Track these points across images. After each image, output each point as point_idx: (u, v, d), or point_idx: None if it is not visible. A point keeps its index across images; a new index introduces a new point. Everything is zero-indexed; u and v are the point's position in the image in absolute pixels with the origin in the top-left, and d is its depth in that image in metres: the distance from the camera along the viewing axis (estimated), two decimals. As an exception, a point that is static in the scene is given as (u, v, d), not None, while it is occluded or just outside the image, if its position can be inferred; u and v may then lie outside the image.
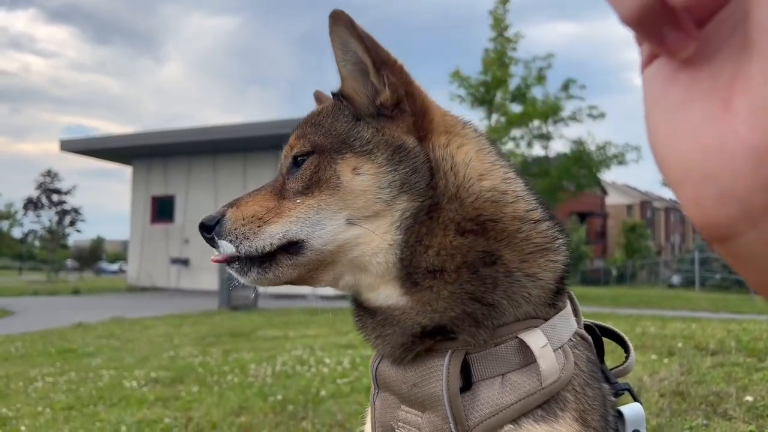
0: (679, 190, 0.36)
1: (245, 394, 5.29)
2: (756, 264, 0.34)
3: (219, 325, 11.50)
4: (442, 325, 1.16)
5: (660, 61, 0.39)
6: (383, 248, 1.19)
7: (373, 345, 1.28)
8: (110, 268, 73.55)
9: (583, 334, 1.27)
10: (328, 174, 1.22)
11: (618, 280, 45.74)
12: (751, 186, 0.32)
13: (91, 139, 27.34)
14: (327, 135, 1.27)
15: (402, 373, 1.20)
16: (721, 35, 0.36)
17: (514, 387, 1.12)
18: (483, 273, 1.16)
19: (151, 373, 6.50)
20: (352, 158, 1.22)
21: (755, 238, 0.33)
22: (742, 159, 0.32)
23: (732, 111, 0.33)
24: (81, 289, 26.54)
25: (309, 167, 1.24)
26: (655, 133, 0.39)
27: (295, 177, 1.26)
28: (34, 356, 8.38)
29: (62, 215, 48.65)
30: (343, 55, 1.26)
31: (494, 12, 21.44)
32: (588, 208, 53.58)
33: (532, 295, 1.19)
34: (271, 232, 1.22)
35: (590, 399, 1.16)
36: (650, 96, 0.39)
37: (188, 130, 24.25)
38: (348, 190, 1.20)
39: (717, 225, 0.35)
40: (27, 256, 72.77)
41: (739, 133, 0.32)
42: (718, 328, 7.50)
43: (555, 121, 22.44)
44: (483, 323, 1.15)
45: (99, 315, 13.90)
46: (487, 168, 1.24)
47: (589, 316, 1.45)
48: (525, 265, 1.19)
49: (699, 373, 4.76)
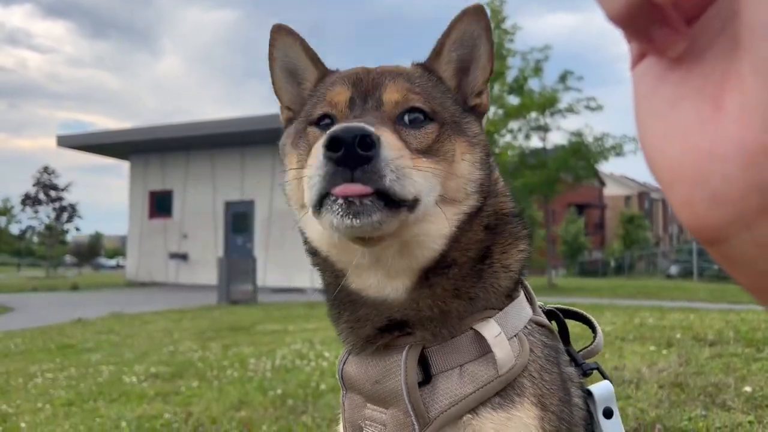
0: (670, 192, 0.36)
1: (245, 389, 5.29)
2: (748, 266, 0.34)
3: (218, 320, 11.51)
4: (406, 320, 1.19)
5: (649, 59, 0.38)
6: (442, 233, 1.18)
7: (341, 335, 1.30)
8: (109, 263, 73.57)
9: (539, 320, 1.30)
10: (447, 148, 1.21)
11: (616, 271, 45.80)
12: (743, 188, 0.31)
13: (89, 134, 27.29)
14: (445, 110, 1.26)
15: (364, 371, 1.22)
16: (711, 33, 0.35)
17: (471, 377, 1.14)
18: (477, 267, 1.21)
19: (151, 369, 6.50)
20: (464, 143, 1.25)
21: (748, 241, 0.32)
22: (734, 160, 0.31)
23: (723, 111, 0.32)
24: (80, 285, 26.53)
25: (433, 132, 1.20)
26: (645, 133, 0.38)
27: (416, 134, 1.19)
28: (34, 352, 8.38)
29: (60, 211, 48.57)
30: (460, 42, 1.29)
31: (491, 4, 21.37)
32: (586, 199, 53.63)
33: (501, 287, 1.23)
34: (414, 181, 1.09)
35: (548, 383, 1.19)
36: (640, 95, 0.39)
37: (185, 125, 24.20)
38: (453, 170, 1.20)
39: (709, 227, 0.34)
40: (25, 252, 72.72)
41: (731, 134, 0.31)
42: (716, 318, 7.52)
43: (552, 112, 22.44)
44: (450, 322, 1.18)
45: (98, 310, 13.90)
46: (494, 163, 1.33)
47: (588, 307, 1.47)
48: (504, 257, 1.25)
49: (697, 364, 4.77)
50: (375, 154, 1.02)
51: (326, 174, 1.03)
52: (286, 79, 1.44)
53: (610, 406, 1.31)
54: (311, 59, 1.41)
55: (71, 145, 26.86)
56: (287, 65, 1.43)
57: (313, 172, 1.05)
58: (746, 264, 0.34)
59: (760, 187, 0.31)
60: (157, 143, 24.94)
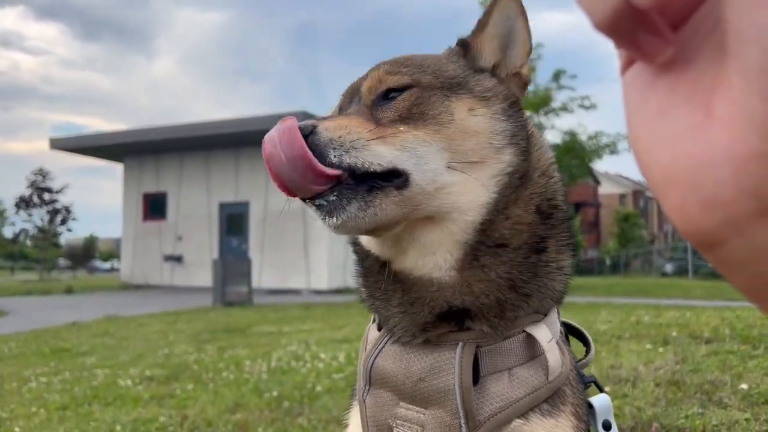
0: (663, 198, 0.36)
1: (240, 391, 5.27)
2: (743, 270, 0.34)
3: (213, 322, 11.48)
4: (467, 308, 1.12)
5: (639, 65, 0.38)
6: (478, 203, 1.12)
7: (384, 319, 1.21)
8: (103, 266, 73.37)
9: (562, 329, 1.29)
10: (437, 109, 1.15)
11: (612, 270, 45.93)
12: (734, 193, 0.31)
13: (82, 137, 27.15)
14: (434, 75, 1.21)
15: (405, 367, 1.15)
16: (699, 37, 0.35)
17: (522, 381, 1.11)
18: (531, 260, 1.15)
19: (146, 371, 6.47)
20: (469, 99, 1.19)
21: (741, 245, 0.32)
22: (725, 167, 0.31)
23: (713, 118, 0.32)
24: (74, 288, 26.43)
25: (408, 99, 1.15)
26: (636, 139, 0.38)
27: (389, 107, 1.15)
28: (28, 356, 8.33)
29: (54, 214, 48.39)
30: (501, 21, 1.28)
31: (485, 3, 21.39)
32: (581, 198, 53.74)
33: (555, 289, 1.19)
34: (378, 151, 1.06)
35: (580, 393, 1.19)
36: (630, 102, 0.38)
37: (179, 126, 24.12)
38: (461, 129, 1.14)
39: (702, 232, 0.34)
40: (19, 255, 72.40)
41: (721, 141, 0.31)
42: (712, 315, 7.54)
43: (546, 111, 22.49)
44: (507, 315, 1.13)
45: (93, 313, 13.84)
46: (552, 158, 1.29)
47: (584, 306, 1.47)
48: (559, 257, 1.20)
49: (694, 362, 4.77)
50: (310, 142, 1.03)
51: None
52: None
53: (609, 419, 1.30)
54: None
55: (65, 148, 26.75)
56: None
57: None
58: (740, 267, 0.34)
59: (752, 192, 0.31)
60: (151, 145, 24.87)
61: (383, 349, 1.21)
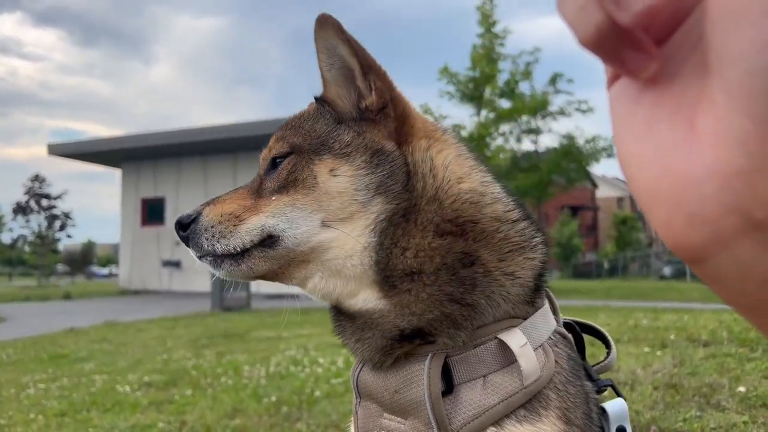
0: (649, 212, 0.36)
1: (239, 396, 5.27)
2: (730, 285, 0.34)
3: (212, 327, 11.46)
4: (420, 327, 1.15)
5: (625, 79, 0.38)
6: (357, 251, 1.19)
7: (352, 350, 1.27)
8: (102, 272, 73.23)
9: (563, 332, 1.27)
10: (305, 174, 1.23)
11: (610, 273, 45.95)
12: (719, 210, 0.32)
13: (80, 142, 27.16)
14: (306, 136, 1.28)
15: (383, 380, 1.19)
16: (683, 52, 0.35)
17: (496, 388, 1.11)
18: (462, 274, 1.16)
19: (145, 377, 6.46)
20: (330, 159, 1.23)
21: (727, 261, 0.33)
22: (709, 183, 0.32)
23: (697, 134, 0.32)
24: (72, 294, 26.36)
25: (286, 167, 1.26)
26: (623, 154, 0.38)
27: (272, 177, 1.27)
28: (26, 362, 8.32)
29: (51, 220, 48.31)
30: (328, 59, 1.27)
31: (482, 8, 21.47)
32: (578, 201, 53.79)
33: (510, 294, 1.19)
34: (248, 228, 1.24)
35: (572, 396, 1.16)
36: (617, 117, 0.39)
37: (177, 132, 24.13)
38: (324, 191, 1.21)
39: (688, 248, 0.34)
40: (17, 261, 72.20)
41: (705, 157, 0.32)
42: (709, 318, 7.55)
43: (543, 115, 22.54)
44: (462, 324, 1.14)
45: (91, 319, 13.81)
46: (465, 171, 1.26)
47: (582, 310, 1.47)
48: (503, 264, 1.20)
49: (692, 365, 4.78)
50: (190, 231, 1.29)
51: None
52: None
53: (624, 424, 1.28)
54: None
55: (62, 154, 26.74)
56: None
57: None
58: (726, 282, 0.34)
59: (736, 208, 0.31)
60: (149, 150, 24.86)
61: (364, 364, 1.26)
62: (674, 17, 0.35)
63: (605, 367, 1.40)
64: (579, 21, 0.35)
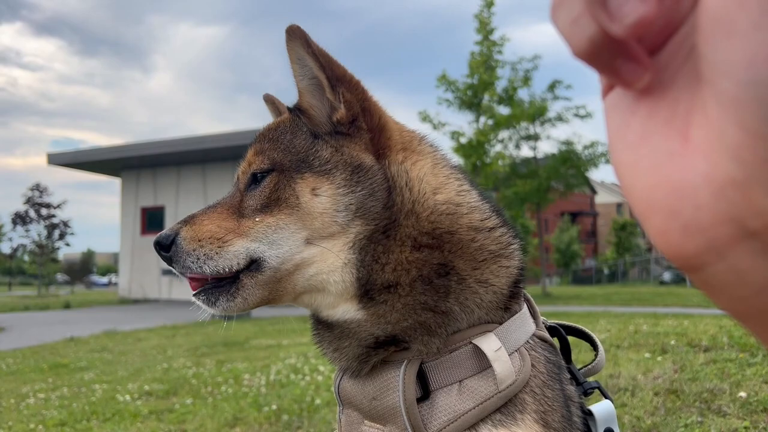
0: (645, 221, 0.36)
1: (240, 405, 5.26)
2: (727, 293, 0.34)
3: (212, 335, 11.45)
4: (395, 335, 1.16)
5: (619, 89, 0.39)
6: (338, 267, 1.19)
7: (330, 359, 1.28)
8: (101, 281, 73.13)
9: (542, 335, 1.27)
10: (287, 193, 1.22)
11: (609, 279, 45.94)
12: (714, 219, 0.32)
13: (79, 152, 27.18)
14: (286, 152, 1.26)
15: (361, 387, 1.20)
16: (677, 61, 0.35)
17: (471, 392, 1.12)
18: (436, 283, 1.17)
19: (145, 386, 6.45)
20: (311, 178, 1.22)
21: (723, 270, 0.33)
22: (703, 193, 0.32)
23: (691, 144, 0.33)
24: (72, 303, 26.32)
25: (269, 185, 1.24)
26: (618, 164, 0.38)
27: (254, 194, 1.25)
28: (26, 372, 8.30)
29: (51, 229, 48.27)
30: (300, 70, 1.26)
31: (479, 15, 21.54)
32: (578, 207, 53.83)
33: (484, 300, 1.19)
34: (235, 251, 1.21)
35: (550, 400, 1.16)
36: (612, 125, 0.39)
37: (176, 140, 24.16)
38: (306, 211, 1.20)
39: (684, 257, 0.34)
40: (17, 271, 72.10)
41: (699, 167, 0.32)
42: (710, 324, 7.54)
43: (542, 122, 22.58)
44: (436, 331, 1.16)
45: (91, 328, 13.80)
46: (441, 182, 1.26)
47: (583, 316, 1.47)
48: (477, 272, 1.20)
49: (692, 370, 4.78)
50: (173, 252, 1.25)
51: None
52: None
53: (611, 426, 1.28)
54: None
55: (62, 163, 26.77)
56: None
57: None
58: (724, 290, 0.34)
59: (731, 218, 0.31)
60: (149, 159, 24.89)
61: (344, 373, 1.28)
62: (667, 27, 0.35)
63: (593, 370, 1.40)
64: (572, 33, 0.35)
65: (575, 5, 0.35)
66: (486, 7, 21.48)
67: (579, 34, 0.35)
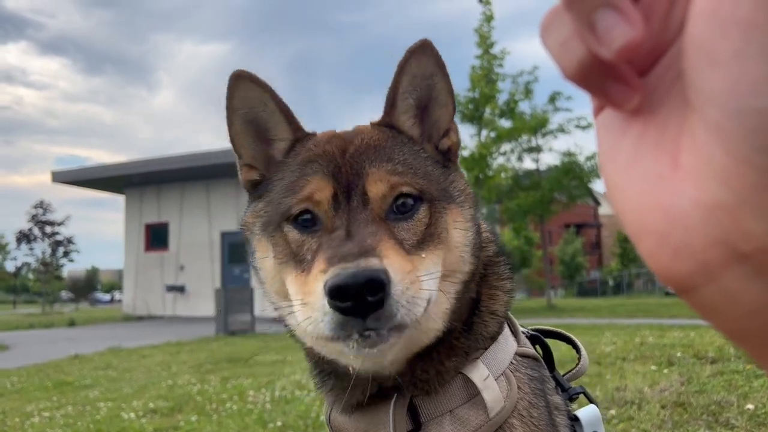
0: (637, 243, 0.36)
1: (245, 422, 5.23)
2: (720, 315, 0.34)
3: (217, 352, 11.41)
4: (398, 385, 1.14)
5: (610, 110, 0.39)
6: (443, 312, 1.10)
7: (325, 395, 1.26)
8: (105, 298, 73.13)
9: (524, 351, 1.26)
10: (440, 228, 1.08)
11: (615, 290, 45.71)
12: (703, 243, 0.32)
13: (83, 169, 27.28)
14: (429, 180, 1.12)
15: (354, 422, 1.20)
16: (666, 83, 0.35)
17: (462, 422, 1.12)
18: (469, 321, 1.17)
19: (150, 403, 6.42)
20: (454, 209, 1.14)
21: (715, 291, 0.33)
22: (693, 216, 0.32)
23: (680, 168, 0.33)
24: (76, 320, 26.25)
25: (424, 218, 1.08)
26: (608, 185, 0.38)
27: (409, 227, 1.07)
28: (30, 391, 8.27)
29: (55, 246, 48.34)
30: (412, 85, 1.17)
31: (479, 29, 21.65)
32: (581, 219, 53.71)
33: (489, 332, 1.20)
34: (424, 296, 0.99)
35: (536, 420, 1.16)
36: (603, 147, 0.39)
37: (180, 157, 24.23)
38: (448, 246, 1.09)
39: (676, 279, 0.34)
40: (21, 289, 72.15)
41: (688, 191, 0.32)
42: (716, 335, 7.49)
43: (544, 133, 22.60)
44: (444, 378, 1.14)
45: (95, 346, 13.76)
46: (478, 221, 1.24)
47: (588, 328, 1.46)
48: (491, 303, 1.21)
49: (699, 383, 4.75)
50: (385, 296, 0.92)
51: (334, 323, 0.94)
52: (249, 133, 1.29)
53: (597, 430, 1.29)
54: (285, 116, 1.25)
55: (66, 181, 26.87)
56: (251, 119, 1.26)
57: (317, 314, 0.96)
58: (716, 312, 0.34)
59: (721, 241, 0.31)
60: (152, 176, 24.96)
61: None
62: (656, 49, 0.35)
63: (577, 374, 1.41)
64: (562, 55, 0.36)
65: (564, 28, 0.35)
66: (486, 22, 21.60)
67: (568, 56, 0.35)
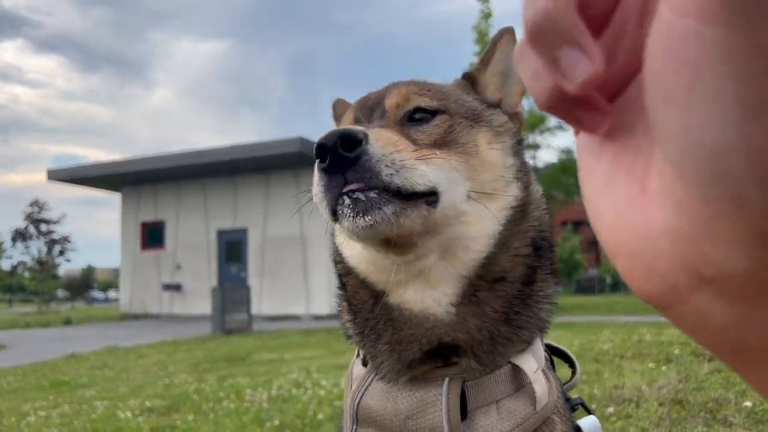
0: (613, 260, 0.38)
1: (242, 421, 5.22)
2: (695, 331, 0.35)
3: (214, 351, 11.40)
4: (457, 345, 1.11)
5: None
6: (487, 234, 1.12)
7: (371, 354, 1.20)
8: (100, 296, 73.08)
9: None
10: (465, 138, 1.16)
11: (613, 288, 45.83)
12: (672, 266, 0.33)
13: (79, 167, 27.18)
14: (459, 104, 1.23)
15: (393, 405, 1.13)
16: (636, 106, 0.36)
17: (510, 413, 1.10)
18: (524, 291, 1.15)
19: (146, 403, 6.40)
20: (488, 132, 1.21)
21: (687, 311, 0.34)
22: (661, 240, 0.33)
23: (648, 194, 0.34)
24: (73, 319, 26.24)
25: (442, 125, 1.16)
26: (588, 201, 0.40)
27: (422, 129, 1.15)
28: (26, 390, 8.25)
29: (51, 245, 48.24)
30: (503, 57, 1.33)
31: (478, 27, 21.66)
32: (579, 216, 53.67)
33: (541, 319, 1.18)
34: (423, 171, 1.04)
35: (567, 420, 1.18)
36: (582, 166, 0.41)
37: (176, 155, 24.18)
38: (480, 160, 1.15)
39: (650, 297, 0.36)
40: (17, 287, 72.04)
41: (655, 217, 0.34)
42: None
43: (542, 131, 22.64)
44: (498, 350, 1.12)
45: (92, 345, 13.74)
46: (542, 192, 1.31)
47: (586, 326, 1.47)
48: (545, 285, 1.20)
49: (697, 380, 4.75)
50: (361, 152, 1.00)
51: (324, 186, 1.02)
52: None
53: None
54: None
55: (62, 179, 26.78)
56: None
57: (315, 189, 1.05)
58: (692, 328, 0.35)
59: (686, 266, 0.32)
60: (148, 174, 24.90)
61: (369, 387, 1.19)
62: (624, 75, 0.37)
63: (570, 387, 1.41)
64: (533, 86, 0.38)
65: (534, 61, 0.37)
66: (484, 19, 21.62)
67: (539, 87, 0.37)
